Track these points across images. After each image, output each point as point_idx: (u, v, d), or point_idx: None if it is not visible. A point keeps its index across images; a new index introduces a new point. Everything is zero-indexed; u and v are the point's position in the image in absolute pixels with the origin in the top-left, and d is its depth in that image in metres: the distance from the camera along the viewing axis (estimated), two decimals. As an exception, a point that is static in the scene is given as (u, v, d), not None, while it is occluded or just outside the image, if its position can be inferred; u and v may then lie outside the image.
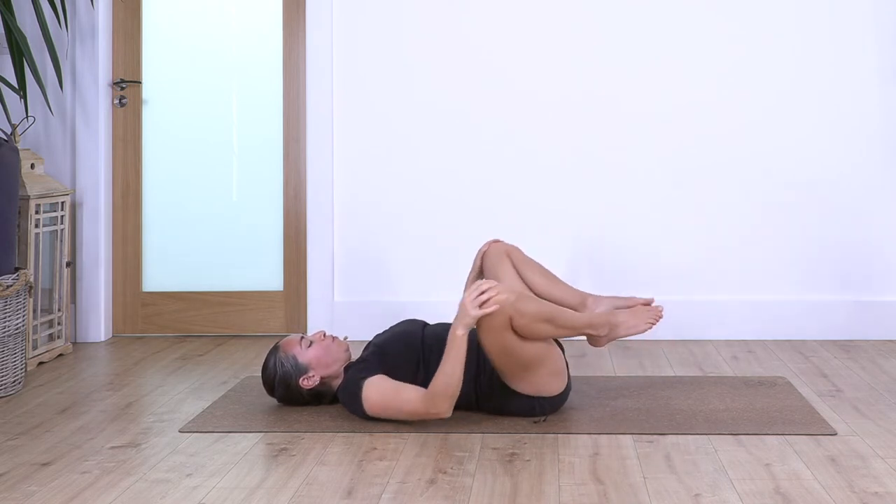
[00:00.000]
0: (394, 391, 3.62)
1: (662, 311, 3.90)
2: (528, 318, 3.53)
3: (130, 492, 3.02)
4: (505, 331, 3.53)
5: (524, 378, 3.65)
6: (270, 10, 5.33)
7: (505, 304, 3.50)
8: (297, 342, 3.81)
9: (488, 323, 3.51)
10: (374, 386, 3.64)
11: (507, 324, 3.52)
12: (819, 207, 5.14)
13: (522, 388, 3.67)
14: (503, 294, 3.52)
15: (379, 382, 3.64)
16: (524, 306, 3.54)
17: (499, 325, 3.52)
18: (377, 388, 3.63)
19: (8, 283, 4.12)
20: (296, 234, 5.30)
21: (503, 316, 3.51)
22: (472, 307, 3.51)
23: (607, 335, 3.87)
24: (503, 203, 5.20)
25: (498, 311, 3.50)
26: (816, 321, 5.12)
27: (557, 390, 3.71)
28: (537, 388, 3.67)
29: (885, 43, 5.12)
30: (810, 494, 2.94)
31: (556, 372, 3.69)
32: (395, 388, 3.62)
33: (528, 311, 3.54)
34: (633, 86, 5.17)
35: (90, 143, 5.20)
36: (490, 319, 3.51)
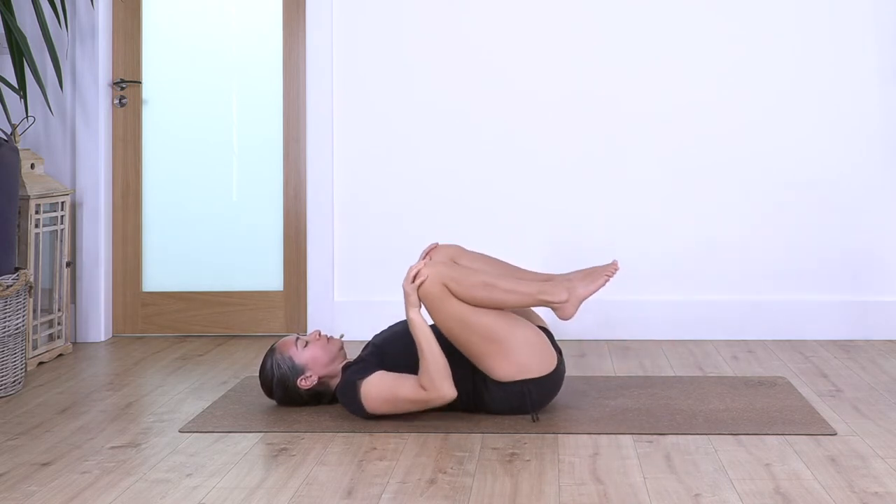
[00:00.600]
0: (393, 384, 3.63)
1: (617, 264, 3.81)
2: (464, 285, 3.61)
3: (130, 492, 3.02)
4: (447, 300, 3.61)
5: (499, 355, 3.63)
6: (270, 10, 5.33)
7: (433, 274, 3.61)
8: (292, 343, 3.81)
9: (428, 297, 3.61)
10: (372, 384, 3.64)
11: (445, 293, 3.61)
12: (819, 207, 5.14)
13: (505, 373, 3.65)
14: (429, 266, 3.64)
15: (377, 379, 3.65)
16: (455, 273, 3.64)
17: (437, 294, 3.60)
18: (376, 385, 3.64)
19: (8, 283, 4.12)
20: (296, 234, 5.30)
21: (437, 285, 3.61)
22: (406, 284, 3.64)
23: (569, 299, 3.74)
24: (503, 203, 5.20)
25: (430, 280, 3.60)
26: (816, 321, 5.12)
27: (542, 371, 3.68)
28: (519, 369, 3.64)
29: (885, 43, 5.12)
30: (810, 494, 2.94)
31: (533, 346, 3.66)
32: (395, 381, 3.63)
33: (461, 277, 3.63)
34: (633, 86, 5.17)
35: (90, 143, 5.20)
36: (428, 292, 3.61)
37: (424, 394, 3.59)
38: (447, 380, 3.59)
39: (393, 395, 3.62)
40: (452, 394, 3.60)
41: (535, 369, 3.67)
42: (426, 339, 3.60)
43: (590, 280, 3.78)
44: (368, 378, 3.65)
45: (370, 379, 3.65)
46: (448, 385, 3.59)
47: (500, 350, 3.63)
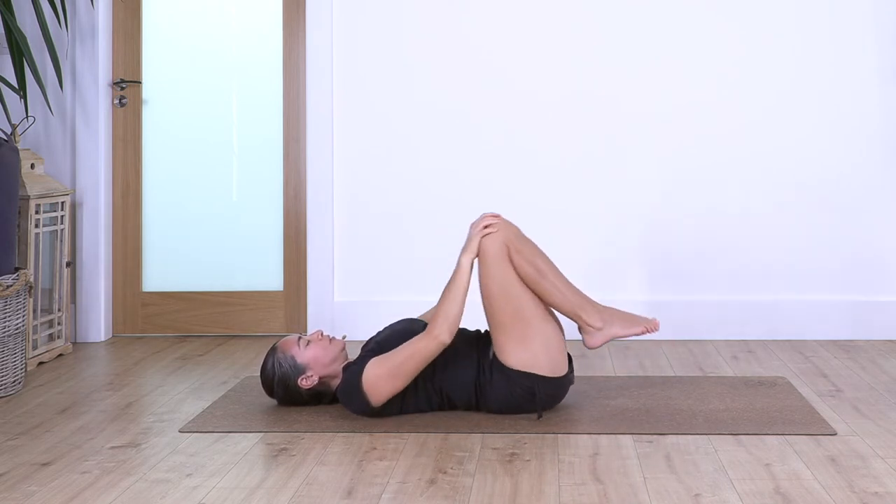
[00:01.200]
0: (390, 356, 3.66)
1: (658, 324, 3.89)
2: (523, 257, 3.70)
3: (130, 492, 3.02)
4: (503, 262, 3.68)
5: (518, 336, 3.65)
6: (270, 10, 5.33)
7: (503, 233, 3.70)
8: (294, 342, 3.82)
9: (488, 251, 3.68)
10: (371, 368, 3.66)
11: (505, 255, 3.69)
12: (819, 207, 5.14)
13: (516, 357, 3.66)
14: (503, 223, 3.72)
15: (374, 362, 3.67)
16: (521, 244, 3.73)
17: (496, 252, 3.68)
18: (374, 364, 3.66)
19: (8, 283, 4.12)
20: (296, 234, 5.30)
21: (500, 243, 3.69)
22: (474, 230, 3.71)
23: (601, 329, 3.81)
24: (503, 203, 5.19)
25: (496, 236, 3.69)
26: (816, 321, 5.12)
27: (554, 371, 3.70)
28: (531, 359, 3.66)
29: (885, 43, 5.12)
30: (810, 494, 2.94)
31: (551, 346, 3.69)
32: (392, 353, 3.67)
33: (524, 249, 3.72)
34: (633, 86, 5.17)
35: (90, 143, 5.20)
36: (489, 245, 3.68)
37: (423, 341, 3.61)
38: (451, 326, 3.62)
39: (394, 362, 3.63)
40: (448, 340, 3.63)
41: (545, 367, 3.68)
42: (461, 287, 3.66)
43: (628, 324, 3.86)
44: (366, 367, 3.66)
45: (368, 366, 3.66)
46: (449, 331, 3.62)
47: (522, 332, 3.66)
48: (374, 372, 3.65)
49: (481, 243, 3.70)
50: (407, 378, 3.65)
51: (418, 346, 3.63)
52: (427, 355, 3.63)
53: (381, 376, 3.64)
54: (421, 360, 3.64)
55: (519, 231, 3.80)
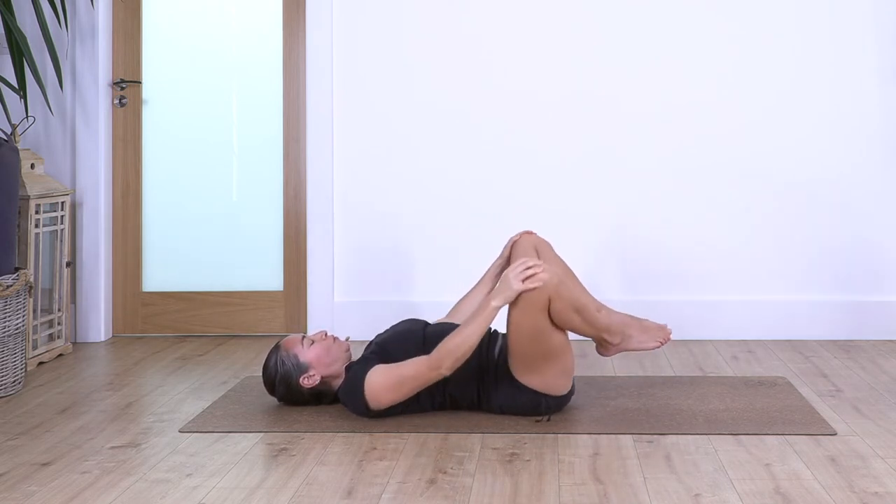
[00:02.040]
0: (395, 367, 3.66)
1: (671, 333, 3.91)
2: (564, 304, 3.56)
3: (130, 492, 3.02)
4: (541, 312, 3.55)
5: (538, 370, 3.65)
6: (270, 10, 5.33)
7: (548, 284, 3.52)
8: (298, 341, 3.82)
9: (528, 300, 3.53)
10: (376, 375, 3.66)
11: (545, 304, 3.54)
12: (819, 207, 5.14)
13: (530, 382, 3.67)
14: (548, 273, 3.54)
15: (379, 370, 3.67)
16: (564, 290, 3.56)
17: (537, 303, 3.53)
18: (379, 374, 3.65)
19: (8, 283, 4.12)
20: (296, 234, 5.30)
21: (543, 295, 3.53)
22: (515, 280, 3.54)
23: (618, 345, 3.88)
24: (503, 203, 5.20)
25: (540, 289, 3.52)
26: (816, 321, 5.12)
27: (564, 390, 3.72)
28: (546, 385, 3.67)
29: (885, 43, 5.12)
30: (810, 494, 2.94)
31: (567, 371, 3.70)
32: (397, 366, 3.66)
33: (567, 297, 3.57)
34: (634, 86, 5.17)
35: (90, 143, 5.20)
36: (530, 296, 3.53)
37: (426, 366, 3.59)
38: (456, 362, 3.59)
39: (396, 378, 3.63)
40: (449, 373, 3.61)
41: (555, 390, 3.71)
42: (480, 329, 3.57)
43: (644, 337, 3.90)
44: (370, 372, 3.66)
45: (372, 372, 3.66)
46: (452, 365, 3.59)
47: (543, 365, 3.65)
48: (376, 382, 3.64)
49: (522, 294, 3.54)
50: (407, 394, 3.66)
51: (420, 371, 3.61)
52: (426, 382, 3.64)
53: (383, 388, 3.64)
54: (420, 384, 3.64)
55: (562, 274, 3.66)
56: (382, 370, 3.66)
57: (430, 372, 3.60)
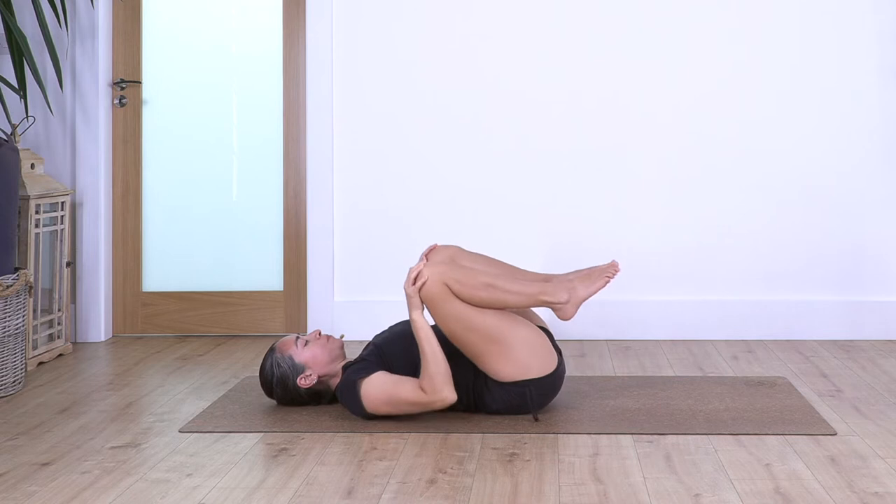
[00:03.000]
0: (393, 385, 3.63)
1: (618, 265, 3.83)
2: (466, 286, 3.60)
3: (130, 492, 3.02)
4: (449, 300, 3.59)
5: (500, 355, 3.63)
6: (270, 9, 5.33)
7: (434, 275, 3.59)
8: (292, 342, 3.82)
9: (430, 298, 3.60)
10: (372, 384, 3.64)
11: (447, 293, 3.60)
12: (819, 207, 5.14)
13: (506, 373, 3.65)
14: (430, 267, 3.63)
15: (377, 379, 3.65)
16: (456, 273, 3.62)
17: (438, 295, 3.59)
18: (376, 384, 3.64)
19: (8, 283, 4.12)
20: (296, 234, 5.30)
21: (438, 286, 3.59)
22: (408, 286, 3.63)
23: (569, 300, 3.74)
24: (503, 203, 5.20)
25: (431, 281, 3.59)
26: (816, 321, 5.12)
27: (543, 371, 3.68)
28: (520, 369, 3.64)
29: (886, 43, 5.12)
30: (810, 494, 2.94)
31: (534, 347, 3.66)
32: (395, 382, 3.63)
33: (463, 278, 3.61)
34: (635, 87, 5.17)
35: (90, 143, 5.20)
36: (430, 293, 3.60)
37: (425, 396, 3.59)
38: (448, 383, 3.59)
39: (393, 397, 3.62)
40: (452, 398, 3.60)
41: (536, 370, 3.67)
42: (428, 342, 3.60)
43: (590, 281, 3.79)
44: (369, 378, 3.65)
45: (370, 379, 3.65)
46: (449, 389, 3.59)
47: (500, 350, 3.63)
48: (374, 392, 3.63)
49: (421, 295, 3.62)
50: (403, 413, 3.66)
51: (421, 399, 3.60)
52: (426, 409, 3.63)
53: (379, 400, 3.64)
54: (422, 410, 3.64)
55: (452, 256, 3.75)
56: (380, 382, 3.64)
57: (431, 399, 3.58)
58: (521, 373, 3.65)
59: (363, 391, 3.64)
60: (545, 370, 3.69)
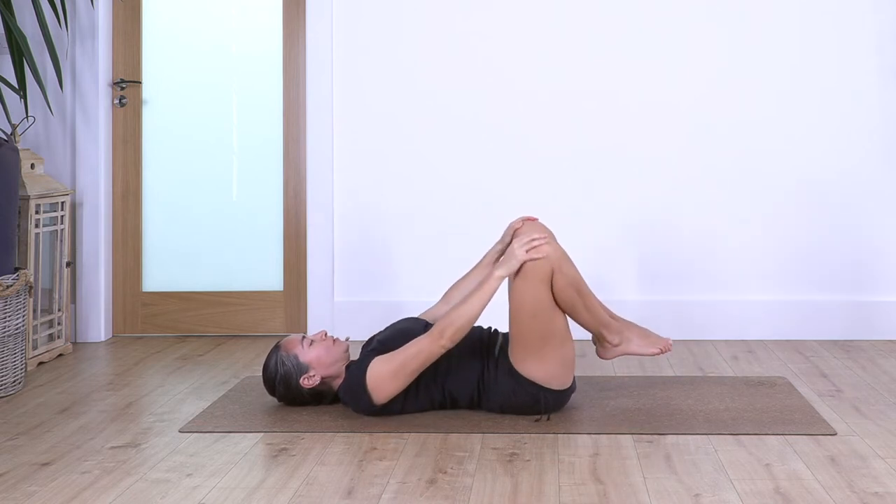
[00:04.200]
0: (395, 352, 3.66)
1: (672, 344, 3.93)
2: (566, 280, 3.61)
3: (130, 492, 3.02)
4: (543, 284, 3.59)
5: (538, 355, 3.65)
6: (270, 9, 5.33)
7: (551, 256, 3.58)
8: (298, 342, 3.82)
9: (531, 270, 3.58)
10: (375, 367, 3.66)
11: (547, 277, 3.59)
12: (819, 207, 5.14)
13: (530, 372, 3.67)
14: (552, 246, 3.60)
15: (379, 359, 3.68)
16: (566, 266, 3.62)
17: (540, 274, 3.58)
18: (378, 365, 3.66)
19: (8, 283, 4.12)
20: (296, 234, 5.30)
21: (546, 267, 3.58)
22: (520, 250, 3.59)
23: (618, 346, 3.90)
24: (503, 203, 5.20)
25: (543, 260, 3.57)
26: (816, 321, 5.12)
27: (562, 385, 3.71)
28: (546, 375, 3.67)
29: (886, 43, 5.12)
30: (810, 494, 2.94)
31: (567, 364, 3.70)
32: (397, 352, 3.67)
33: (569, 273, 3.62)
34: (635, 88, 5.17)
35: (90, 143, 5.20)
36: (533, 267, 3.58)
37: (427, 341, 3.60)
38: (459, 332, 3.59)
39: (398, 361, 3.64)
40: (451, 344, 3.61)
41: (557, 383, 3.71)
42: (484, 299, 3.60)
43: (644, 343, 3.92)
44: (371, 364, 3.67)
45: (372, 365, 3.66)
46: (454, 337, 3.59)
47: (543, 350, 3.65)
48: (377, 370, 3.66)
49: (527, 264, 3.59)
50: (409, 377, 3.66)
51: (420, 347, 3.63)
52: (429, 357, 3.63)
53: (385, 375, 3.65)
54: (423, 360, 3.64)
55: (563, 251, 3.69)
56: (382, 359, 3.68)
57: (431, 345, 3.60)
58: (542, 377, 3.68)
59: (369, 378, 3.65)
60: (563, 385, 3.73)
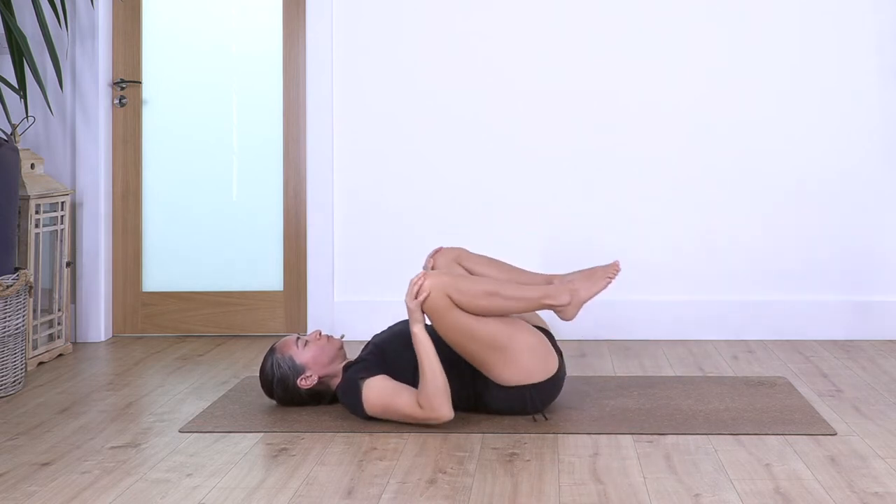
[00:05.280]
0: (393, 393, 3.62)
1: (619, 265, 3.82)
2: (468, 295, 3.58)
3: (130, 492, 3.02)
4: (451, 311, 3.57)
5: (502, 362, 3.62)
6: (270, 9, 5.33)
7: (435, 287, 3.56)
8: (293, 343, 3.82)
9: (432, 309, 3.57)
10: (373, 388, 3.64)
11: (449, 305, 3.57)
12: (819, 207, 5.14)
13: (509, 378, 3.64)
14: (429, 278, 3.58)
15: (379, 384, 3.64)
16: (459, 284, 3.59)
17: (441, 307, 3.56)
18: (377, 389, 3.63)
19: (8, 283, 4.12)
20: (296, 234, 5.30)
21: (441, 298, 3.56)
22: (409, 300, 3.60)
23: (571, 301, 3.73)
24: (503, 202, 5.20)
25: (433, 294, 3.56)
26: (816, 321, 5.12)
27: (544, 375, 3.68)
28: (522, 374, 3.64)
29: (886, 43, 5.12)
30: (810, 494, 2.94)
31: (535, 352, 3.66)
32: (395, 391, 3.62)
33: (465, 287, 3.59)
34: (635, 88, 5.17)
35: (90, 143, 5.20)
36: (432, 305, 3.57)
37: (421, 412, 3.57)
38: (446, 401, 3.56)
39: (390, 406, 3.61)
40: (449, 415, 3.57)
41: (538, 374, 3.67)
42: (428, 358, 3.57)
43: (592, 282, 3.78)
44: (371, 379, 3.65)
45: (372, 381, 3.65)
46: (447, 407, 3.56)
47: (503, 357, 3.62)
48: (374, 396, 3.62)
49: (423, 307, 3.58)
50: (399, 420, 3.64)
51: (417, 414, 3.57)
52: (426, 423, 3.61)
53: (378, 404, 3.62)
54: (418, 422, 3.61)
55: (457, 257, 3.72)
56: (381, 386, 3.63)
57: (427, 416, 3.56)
58: (523, 378, 3.66)
59: (364, 394, 3.64)
60: (547, 374, 3.69)
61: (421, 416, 3.58)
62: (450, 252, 3.90)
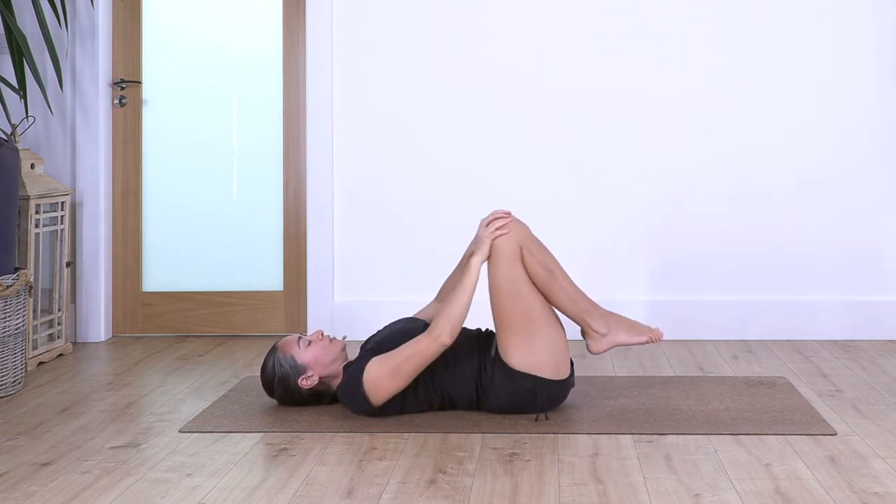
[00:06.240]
0: (393, 354, 3.66)
1: (662, 335, 3.93)
2: (535, 259, 3.69)
3: (130, 492, 3.02)
4: (514, 263, 3.67)
5: (523, 339, 3.65)
6: (270, 9, 5.33)
7: (517, 233, 3.68)
8: (294, 342, 3.82)
9: (500, 250, 3.67)
10: (372, 368, 3.66)
11: (516, 255, 3.68)
12: (819, 207, 5.14)
13: (519, 360, 3.66)
14: (517, 222, 3.70)
15: (375, 362, 3.67)
16: (534, 245, 3.72)
17: (508, 252, 3.66)
18: (375, 366, 3.65)
19: (8, 283, 4.12)
20: (296, 234, 5.30)
21: (513, 243, 3.67)
22: (484, 232, 3.69)
23: (606, 335, 3.86)
24: (503, 203, 5.19)
25: (510, 236, 3.67)
26: (816, 321, 5.12)
27: (557, 374, 3.70)
28: (537, 362, 3.66)
29: (885, 43, 5.12)
30: (810, 494, 2.94)
31: (556, 349, 3.69)
32: (393, 352, 3.66)
33: (536, 249, 3.71)
34: (635, 85, 5.17)
35: (90, 143, 5.20)
36: (501, 245, 3.67)
37: (425, 341, 3.61)
38: (454, 327, 3.61)
39: (396, 361, 3.63)
40: (450, 341, 3.62)
41: (549, 370, 3.69)
42: (469, 289, 3.64)
43: (632, 332, 3.90)
44: (367, 366, 3.66)
45: (369, 366, 3.66)
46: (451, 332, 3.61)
47: (528, 333, 3.66)
48: (375, 371, 3.65)
49: (494, 243, 3.68)
50: (408, 378, 3.65)
51: (419, 347, 3.63)
52: (428, 356, 3.63)
53: (382, 376, 3.64)
54: (422, 360, 3.64)
55: (530, 231, 3.78)
56: (379, 360, 3.67)
57: (430, 344, 3.60)
58: (533, 366, 3.66)
59: (366, 380, 3.65)
60: (557, 375, 3.71)
61: (423, 347, 3.61)
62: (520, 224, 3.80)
